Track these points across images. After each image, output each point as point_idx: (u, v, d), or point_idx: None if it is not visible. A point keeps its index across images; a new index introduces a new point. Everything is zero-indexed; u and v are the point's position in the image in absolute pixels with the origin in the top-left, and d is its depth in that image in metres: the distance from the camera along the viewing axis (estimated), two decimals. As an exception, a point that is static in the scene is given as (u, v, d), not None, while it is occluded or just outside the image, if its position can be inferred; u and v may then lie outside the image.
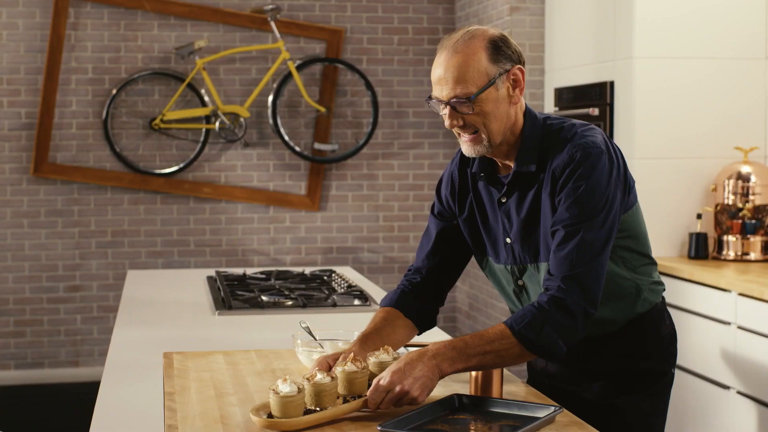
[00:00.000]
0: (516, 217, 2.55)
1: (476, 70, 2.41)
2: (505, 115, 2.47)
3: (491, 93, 2.43)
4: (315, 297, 3.99)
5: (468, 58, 2.41)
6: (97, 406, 2.64)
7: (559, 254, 2.40)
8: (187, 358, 2.83)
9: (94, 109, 7.03)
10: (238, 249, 7.24)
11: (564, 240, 2.39)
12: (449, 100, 2.43)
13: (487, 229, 2.65)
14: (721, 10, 5.04)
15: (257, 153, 7.25)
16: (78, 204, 7.05)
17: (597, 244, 2.39)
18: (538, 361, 2.74)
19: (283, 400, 2.18)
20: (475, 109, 2.42)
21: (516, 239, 2.56)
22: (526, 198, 2.53)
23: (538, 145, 2.51)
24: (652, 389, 2.66)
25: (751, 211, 4.80)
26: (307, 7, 7.26)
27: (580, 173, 2.41)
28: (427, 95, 2.49)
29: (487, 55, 2.43)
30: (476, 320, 7.02)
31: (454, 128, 2.48)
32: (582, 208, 2.40)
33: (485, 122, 2.44)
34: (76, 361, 7.10)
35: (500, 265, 2.64)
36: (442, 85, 2.44)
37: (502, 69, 2.44)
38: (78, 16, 6.98)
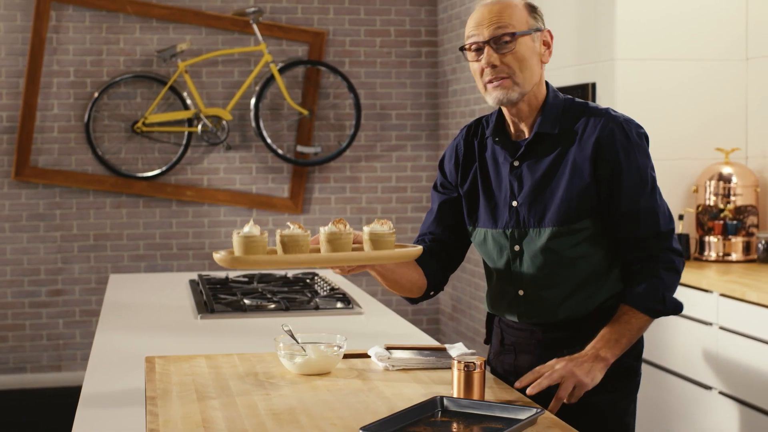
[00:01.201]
0: (529, 180, 2.63)
1: (518, 15, 2.55)
2: (535, 69, 2.58)
3: (529, 41, 2.56)
4: (298, 300, 3.99)
5: (510, 5, 2.55)
6: (78, 411, 2.63)
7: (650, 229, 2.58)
8: (169, 362, 2.82)
9: (75, 112, 7.01)
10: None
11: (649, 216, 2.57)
12: (490, 38, 2.53)
13: (488, 196, 2.71)
14: (702, 12, 5.05)
15: (240, 156, 7.24)
16: (60, 208, 7.02)
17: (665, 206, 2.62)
18: (505, 360, 2.77)
19: (244, 240, 2.28)
20: (513, 51, 2.53)
21: (524, 202, 2.63)
22: (543, 161, 2.61)
23: (561, 112, 2.62)
24: (626, 387, 2.68)
25: (733, 212, 4.82)
26: (290, 10, 7.26)
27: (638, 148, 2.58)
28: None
29: (527, 11, 2.57)
30: (459, 322, 7.02)
31: (486, 72, 2.56)
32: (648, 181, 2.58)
33: (520, 67, 2.54)
34: (59, 366, 7.08)
35: (498, 230, 2.68)
36: (484, 26, 2.54)
37: (538, 25, 2.59)
38: (59, 19, 6.96)
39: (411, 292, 2.81)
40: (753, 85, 5.04)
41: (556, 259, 2.61)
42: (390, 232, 2.56)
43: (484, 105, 6.40)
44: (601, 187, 2.57)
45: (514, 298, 2.70)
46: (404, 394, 2.46)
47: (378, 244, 2.54)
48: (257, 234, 2.40)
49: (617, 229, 2.60)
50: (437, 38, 7.43)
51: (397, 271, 2.72)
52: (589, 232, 2.59)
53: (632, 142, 2.57)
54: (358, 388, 2.53)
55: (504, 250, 2.68)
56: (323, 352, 2.68)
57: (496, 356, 2.82)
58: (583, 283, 2.62)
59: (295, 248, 2.45)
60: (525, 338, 2.72)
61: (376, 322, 3.74)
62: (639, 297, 2.56)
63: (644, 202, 2.57)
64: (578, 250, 2.60)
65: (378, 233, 2.55)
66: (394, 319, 3.81)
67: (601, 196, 2.57)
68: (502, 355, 2.80)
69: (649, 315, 2.56)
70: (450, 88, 7.14)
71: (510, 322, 2.75)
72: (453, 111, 7.08)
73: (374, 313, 3.91)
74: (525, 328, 2.72)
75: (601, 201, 2.58)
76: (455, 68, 7.01)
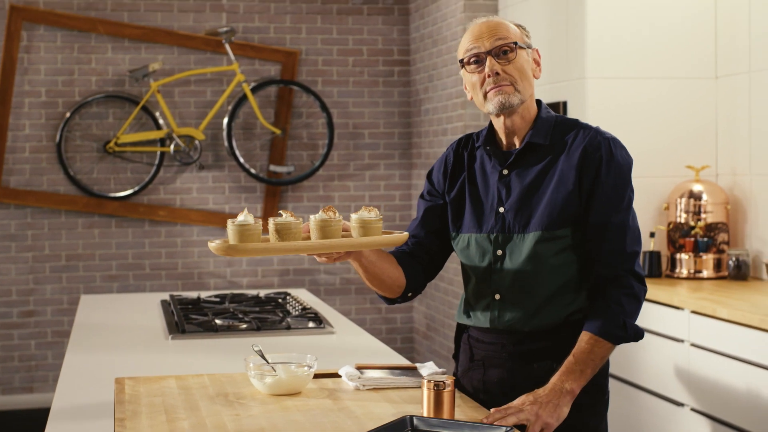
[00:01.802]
0: (517, 188, 2.69)
1: (513, 30, 2.67)
2: (531, 80, 2.69)
3: (525, 54, 2.67)
4: (269, 320, 3.98)
5: (504, 22, 2.68)
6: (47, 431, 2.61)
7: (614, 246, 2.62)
8: (139, 383, 2.81)
9: (47, 132, 6.99)
10: (194, 272, 7.21)
11: (616, 232, 2.62)
12: (492, 48, 2.63)
13: (475, 203, 2.77)
14: (671, 31, 5.09)
15: (213, 175, 7.23)
16: (32, 228, 6.99)
17: (636, 228, 2.66)
18: (473, 376, 2.78)
19: (239, 229, 2.37)
20: (514, 61, 2.64)
21: (511, 208, 2.69)
22: (532, 170, 2.69)
23: (552, 126, 2.71)
24: (595, 406, 2.70)
25: (703, 229, 4.84)
26: (262, 30, 7.26)
27: (620, 166, 2.64)
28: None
29: (522, 30, 2.70)
30: (433, 341, 7.02)
31: (488, 82, 2.64)
32: (624, 199, 2.63)
33: (520, 77, 2.65)
34: (31, 387, 7.03)
35: (482, 234, 2.73)
36: (484, 38, 2.65)
37: (530, 42, 2.71)
38: (31, 39, 6.94)
39: (390, 290, 2.82)
40: (722, 103, 5.07)
41: (537, 265, 2.64)
42: (377, 218, 2.61)
43: (456, 124, 6.42)
44: (582, 195, 2.63)
45: (491, 302, 2.72)
46: (374, 414, 2.45)
47: (366, 230, 2.59)
48: (252, 222, 2.44)
49: (588, 239, 2.64)
50: (409, 57, 7.45)
51: (379, 264, 2.74)
52: (570, 240, 2.64)
53: (615, 157, 2.64)
54: (329, 407, 2.52)
55: (486, 254, 2.72)
56: (293, 372, 2.67)
57: (465, 373, 2.82)
58: (558, 291, 2.65)
59: (288, 236, 2.50)
60: (495, 351, 2.73)
61: (348, 341, 3.74)
62: (601, 325, 2.57)
63: (615, 217, 2.61)
64: (559, 258, 2.64)
65: (366, 219, 2.60)
66: (365, 338, 3.81)
67: (582, 206, 2.64)
68: (470, 371, 2.80)
69: (611, 342, 2.57)
70: (423, 107, 7.16)
71: (479, 336, 2.76)
72: (426, 130, 7.10)
73: (346, 332, 3.91)
74: (495, 341, 2.72)
75: (582, 210, 2.64)
76: (428, 87, 7.03)
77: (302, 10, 7.32)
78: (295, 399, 2.61)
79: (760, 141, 4.81)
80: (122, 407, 2.56)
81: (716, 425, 4.00)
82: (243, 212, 2.49)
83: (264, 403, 2.56)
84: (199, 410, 2.51)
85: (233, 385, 2.79)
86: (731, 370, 3.92)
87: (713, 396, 4.02)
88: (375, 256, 2.72)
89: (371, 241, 2.59)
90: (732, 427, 3.92)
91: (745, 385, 3.84)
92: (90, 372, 3.28)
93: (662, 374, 4.35)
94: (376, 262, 2.74)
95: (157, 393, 2.70)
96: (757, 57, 4.81)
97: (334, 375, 2.87)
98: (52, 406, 2.85)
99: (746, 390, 3.84)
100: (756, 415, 3.79)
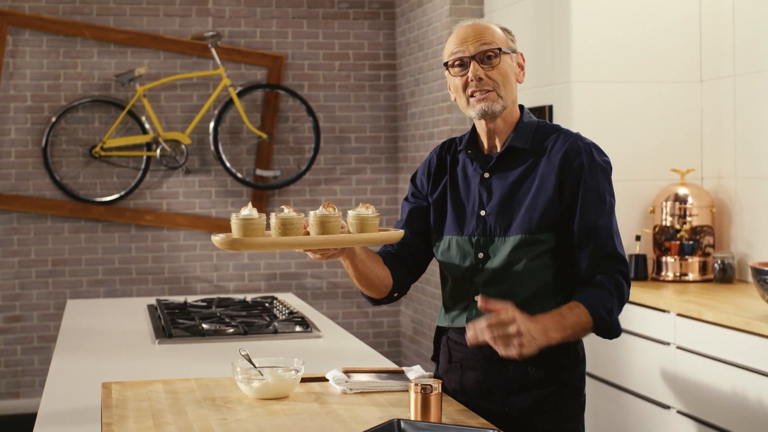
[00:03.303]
0: (498, 191, 2.71)
1: (498, 35, 2.69)
2: (514, 86, 2.71)
3: (508, 60, 2.69)
4: (256, 324, 3.98)
5: (490, 26, 2.70)
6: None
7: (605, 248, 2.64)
8: (126, 388, 2.81)
9: (33, 137, 6.97)
10: (181, 276, 7.20)
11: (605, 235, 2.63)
12: (477, 53, 2.65)
13: (456, 205, 2.78)
14: (657, 35, 5.11)
15: (199, 180, 7.23)
16: (17, 233, 6.97)
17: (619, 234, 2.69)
18: (452, 378, 2.80)
19: (243, 222, 2.41)
20: (497, 66, 2.66)
21: (492, 211, 2.70)
22: (512, 173, 2.71)
23: (533, 130, 2.73)
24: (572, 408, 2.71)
25: (689, 232, 4.86)
26: (248, 34, 7.26)
27: (603, 170, 2.68)
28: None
29: (506, 35, 2.73)
30: (420, 344, 7.03)
31: (471, 86, 2.66)
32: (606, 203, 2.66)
33: (503, 82, 2.67)
34: (17, 393, 7.01)
35: (463, 237, 2.74)
36: (469, 42, 2.67)
37: (514, 47, 2.73)
38: (16, 44, 6.92)
39: (377, 290, 2.83)
40: (707, 107, 5.09)
41: (516, 269, 2.66)
42: (374, 215, 2.64)
43: (443, 128, 6.43)
44: (563, 200, 2.64)
45: (470, 303, 2.74)
46: (362, 418, 2.46)
47: (363, 227, 2.63)
48: (256, 216, 2.47)
49: (576, 242, 2.65)
50: (396, 61, 7.46)
51: (369, 264, 2.76)
52: (550, 245, 2.65)
53: (596, 162, 2.67)
54: (316, 411, 2.52)
55: (467, 257, 2.73)
56: (281, 376, 2.68)
57: (444, 375, 2.85)
58: (534, 296, 2.67)
59: (291, 230, 2.54)
60: (472, 354, 2.74)
61: (335, 345, 3.74)
62: (592, 299, 2.58)
63: (603, 220, 2.64)
64: (538, 262, 2.66)
65: (363, 216, 2.63)
66: (352, 342, 3.81)
67: (563, 210, 2.65)
68: (449, 373, 2.82)
69: (594, 319, 2.56)
70: (409, 111, 7.17)
71: (457, 338, 2.77)
72: (412, 134, 7.11)
73: (333, 336, 3.91)
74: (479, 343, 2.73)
75: (563, 215, 2.65)
76: (414, 91, 7.04)
77: (288, 14, 7.33)
78: (282, 403, 2.61)
79: (744, 144, 4.83)
80: (109, 412, 2.55)
81: (702, 427, 4.01)
82: (247, 206, 2.51)
83: (251, 407, 2.57)
84: (186, 414, 2.51)
85: (220, 389, 2.79)
86: (717, 373, 3.93)
87: (699, 398, 4.04)
88: (365, 255, 2.74)
89: (369, 237, 2.62)
90: (718, 429, 3.93)
91: (731, 388, 3.86)
92: (77, 377, 3.28)
93: (648, 377, 4.37)
94: (366, 261, 2.75)
95: (144, 397, 2.70)
96: (742, 61, 4.83)
97: (321, 379, 2.87)
98: (39, 411, 2.85)
99: (732, 392, 3.85)
100: (741, 417, 3.81)
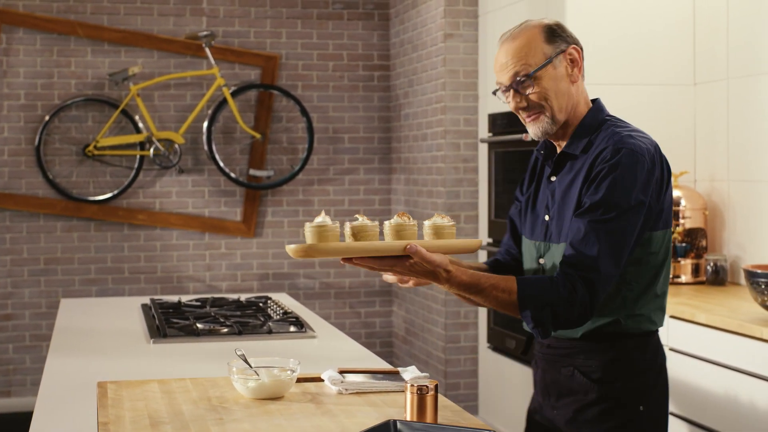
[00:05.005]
0: (558, 195, 2.65)
1: (533, 50, 2.57)
2: (566, 93, 2.60)
3: (549, 71, 2.57)
4: (251, 324, 3.98)
5: (525, 41, 2.58)
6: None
7: (579, 244, 2.49)
8: (122, 388, 2.81)
9: (26, 135, 6.96)
10: (174, 276, 7.20)
11: (586, 232, 2.48)
12: (511, 83, 2.58)
13: (532, 207, 2.76)
14: (650, 38, 5.13)
15: (192, 179, 7.23)
16: (10, 232, 6.96)
17: (615, 240, 2.47)
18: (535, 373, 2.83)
19: (318, 229, 2.44)
20: (535, 88, 2.57)
21: (553, 216, 2.66)
22: (566, 179, 2.64)
23: (592, 131, 2.63)
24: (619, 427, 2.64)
25: (682, 234, 4.88)
26: (242, 34, 7.27)
27: (613, 168, 2.49)
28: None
29: (543, 38, 2.58)
30: (413, 345, 7.04)
31: (519, 113, 2.62)
32: (610, 209, 2.48)
33: (547, 99, 2.57)
34: (9, 391, 7.00)
35: (531, 241, 2.74)
36: (504, 71, 2.60)
37: (558, 48, 2.59)
38: (10, 42, 6.91)
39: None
40: (701, 110, 5.11)
41: None
42: (450, 224, 2.60)
43: (436, 129, 6.44)
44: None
45: None
46: (357, 418, 2.46)
47: (439, 236, 2.59)
48: (330, 223, 2.48)
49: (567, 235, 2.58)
50: (389, 62, 7.47)
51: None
52: None
53: (618, 164, 2.50)
54: (312, 412, 2.53)
55: (533, 262, 2.74)
56: (276, 376, 2.68)
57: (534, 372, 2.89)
58: None
59: (365, 238, 2.52)
60: (537, 351, 2.80)
61: (330, 345, 3.75)
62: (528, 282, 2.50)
63: (594, 223, 2.49)
64: None
65: (439, 225, 2.60)
66: (347, 342, 3.82)
67: None
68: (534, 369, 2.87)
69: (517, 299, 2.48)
70: (402, 111, 7.18)
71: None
72: (405, 135, 7.11)
73: (327, 336, 3.91)
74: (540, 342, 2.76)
75: None
76: (407, 92, 7.05)
77: (282, 14, 7.33)
78: (278, 403, 2.61)
79: (737, 147, 4.85)
80: (105, 411, 2.56)
81: (695, 429, 4.02)
82: (321, 214, 2.52)
83: (247, 407, 2.57)
84: (182, 414, 2.51)
85: (216, 389, 2.79)
86: (710, 375, 3.95)
87: (692, 400, 4.05)
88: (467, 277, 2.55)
89: (443, 244, 2.56)
90: (710, 431, 3.94)
91: (723, 390, 3.87)
92: (72, 376, 3.27)
93: (641, 379, 4.37)
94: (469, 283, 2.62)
95: (140, 397, 2.70)
96: (735, 64, 4.85)
97: (316, 379, 2.88)
98: (35, 410, 2.85)
99: (724, 394, 3.86)
100: (734, 419, 3.82)
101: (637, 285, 2.60)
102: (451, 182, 6.30)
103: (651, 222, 2.56)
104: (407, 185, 7.09)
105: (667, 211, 2.61)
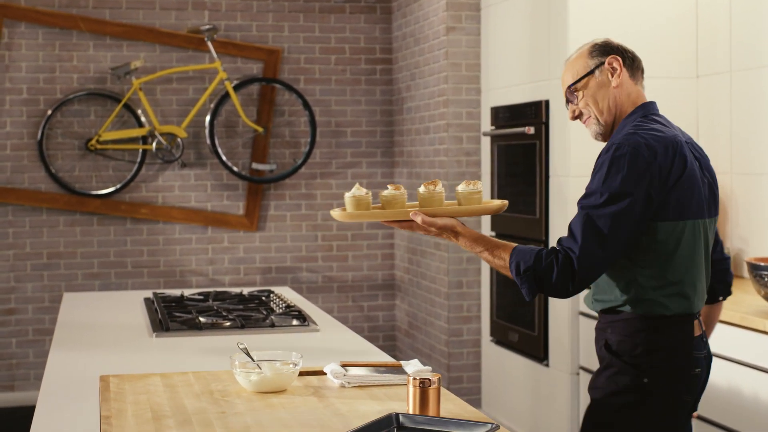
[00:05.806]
0: None
1: (579, 65, 2.94)
2: (608, 98, 2.91)
3: (591, 80, 2.91)
4: (253, 318, 3.98)
5: (575, 58, 2.97)
6: (32, 431, 2.61)
7: (570, 224, 2.76)
8: (124, 381, 2.81)
9: (28, 129, 6.97)
10: (176, 270, 7.20)
11: (576, 214, 2.74)
12: (566, 96, 2.96)
13: None
14: (653, 31, 5.12)
15: (195, 173, 7.23)
16: (13, 226, 6.97)
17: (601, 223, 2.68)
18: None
19: (354, 199, 2.85)
20: (581, 96, 2.92)
21: None
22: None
23: (618, 134, 2.84)
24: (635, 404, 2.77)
25: (685, 227, 4.87)
26: (244, 27, 7.26)
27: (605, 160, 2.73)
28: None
29: (588, 54, 2.95)
30: (415, 338, 7.04)
31: (578, 120, 2.98)
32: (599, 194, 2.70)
33: (592, 105, 2.91)
34: (12, 386, 7.01)
35: None
36: (563, 86, 2.98)
37: (598, 61, 2.92)
38: (12, 36, 6.91)
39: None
40: (703, 103, 5.11)
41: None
42: (477, 191, 2.88)
43: (438, 122, 6.44)
44: None
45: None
46: (360, 411, 2.47)
47: (468, 201, 2.88)
48: (363, 194, 2.87)
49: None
50: (392, 56, 7.46)
51: None
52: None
53: (610, 156, 2.72)
54: (314, 405, 2.53)
55: None
56: (279, 369, 2.68)
57: None
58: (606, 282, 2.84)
59: (395, 206, 2.89)
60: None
61: (332, 339, 3.75)
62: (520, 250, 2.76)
63: (583, 208, 2.72)
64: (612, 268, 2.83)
65: (464, 192, 2.87)
66: (349, 336, 3.82)
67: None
68: None
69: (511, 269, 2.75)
70: (405, 105, 7.17)
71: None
72: (408, 128, 7.11)
73: (330, 330, 3.92)
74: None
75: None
76: (410, 86, 7.05)
77: (284, 8, 7.33)
78: (280, 396, 2.62)
79: (740, 140, 4.84)
80: (108, 405, 2.56)
81: (697, 422, 4.03)
82: (355, 186, 2.90)
83: (250, 401, 2.57)
84: (184, 408, 2.52)
85: (218, 382, 2.79)
86: (713, 368, 3.94)
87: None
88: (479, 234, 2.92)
89: (468, 209, 2.86)
90: (713, 423, 3.94)
91: (726, 382, 3.87)
92: (74, 370, 3.28)
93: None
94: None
95: (143, 391, 2.71)
96: (738, 57, 4.84)
97: (319, 373, 2.88)
98: (38, 403, 2.85)
99: (727, 387, 3.87)
100: (737, 412, 3.82)
101: (648, 271, 2.75)
102: (454, 175, 6.30)
103: (656, 212, 2.71)
104: (410, 179, 7.08)
105: (679, 203, 2.73)
